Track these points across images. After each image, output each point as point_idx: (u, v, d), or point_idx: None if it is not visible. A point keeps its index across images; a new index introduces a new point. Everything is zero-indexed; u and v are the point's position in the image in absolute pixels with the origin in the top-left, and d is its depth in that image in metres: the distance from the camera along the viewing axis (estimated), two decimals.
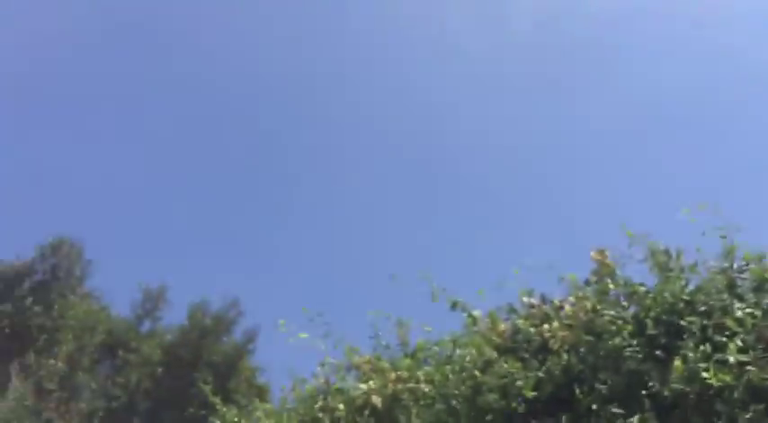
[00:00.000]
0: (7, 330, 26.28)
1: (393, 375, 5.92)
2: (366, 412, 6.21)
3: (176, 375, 27.92)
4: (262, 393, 27.27)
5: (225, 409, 7.30)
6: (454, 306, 7.16)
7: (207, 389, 7.97)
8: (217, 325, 28.64)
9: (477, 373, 5.24)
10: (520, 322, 5.76)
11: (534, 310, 6.05)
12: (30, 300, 26.62)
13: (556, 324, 5.29)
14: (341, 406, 6.34)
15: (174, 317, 31.30)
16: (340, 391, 7.04)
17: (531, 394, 5.12)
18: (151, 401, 27.16)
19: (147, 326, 30.53)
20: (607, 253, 5.67)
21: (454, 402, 5.56)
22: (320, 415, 6.68)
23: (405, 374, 5.87)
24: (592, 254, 5.66)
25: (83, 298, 28.98)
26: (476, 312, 7.16)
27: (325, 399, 6.88)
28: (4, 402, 21.57)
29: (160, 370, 27.91)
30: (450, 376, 5.73)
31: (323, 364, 6.81)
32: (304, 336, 6.75)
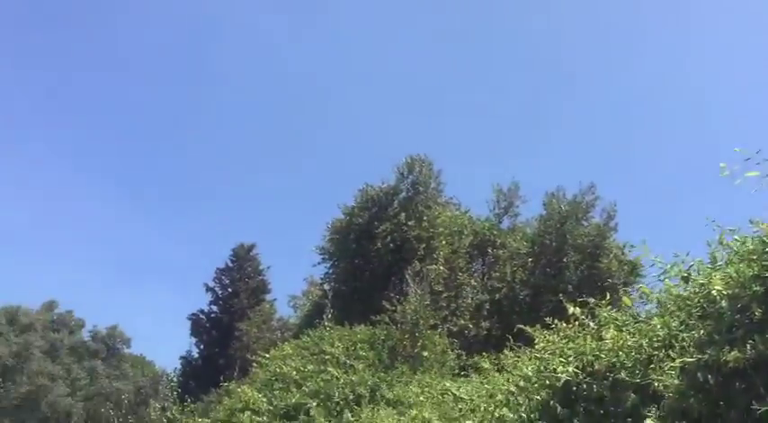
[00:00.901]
0: (391, 246, 29.72)
1: None
2: None
3: (546, 263, 28.97)
4: (635, 268, 27.00)
5: (668, 265, 7.18)
6: None
7: (631, 252, 7.91)
8: (574, 210, 28.80)
9: None
10: None
11: None
12: (403, 216, 29.64)
13: None
14: None
15: (528, 211, 32.44)
16: None
17: None
18: (528, 289, 28.64)
19: (506, 223, 32.12)
20: None
21: None
22: None
23: None
24: None
25: (444, 206, 31.40)
26: None
27: None
28: (408, 304, 24.50)
29: (530, 260, 29.19)
30: None
31: None
32: (754, 174, 6.27)
